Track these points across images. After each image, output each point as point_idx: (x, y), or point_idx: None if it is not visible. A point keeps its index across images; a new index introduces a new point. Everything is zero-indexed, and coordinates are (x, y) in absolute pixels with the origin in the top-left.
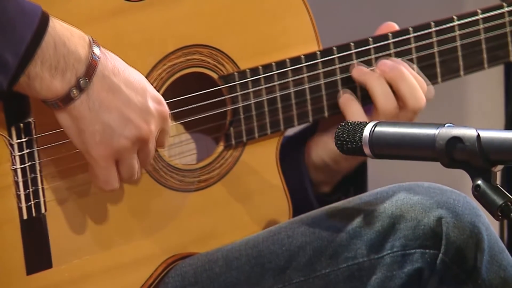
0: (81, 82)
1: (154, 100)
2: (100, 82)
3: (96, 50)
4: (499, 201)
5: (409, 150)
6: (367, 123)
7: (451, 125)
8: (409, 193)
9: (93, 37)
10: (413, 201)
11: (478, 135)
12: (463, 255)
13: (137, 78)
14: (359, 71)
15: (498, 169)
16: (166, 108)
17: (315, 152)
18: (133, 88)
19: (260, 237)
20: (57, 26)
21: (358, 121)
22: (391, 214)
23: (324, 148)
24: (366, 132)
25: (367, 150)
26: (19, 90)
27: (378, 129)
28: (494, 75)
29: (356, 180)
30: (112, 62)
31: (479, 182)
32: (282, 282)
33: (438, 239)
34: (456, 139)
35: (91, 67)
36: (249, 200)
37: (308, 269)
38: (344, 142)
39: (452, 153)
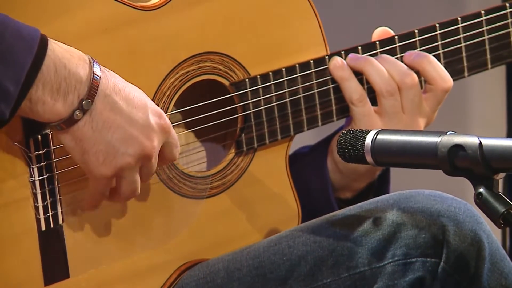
0: (84, 103)
1: (155, 115)
2: (102, 102)
3: (97, 70)
4: (501, 208)
5: (411, 158)
6: (369, 131)
7: (453, 133)
8: (409, 201)
9: (106, 47)
10: (414, 209)
11: (480, 143)
12: (464, 263)
13: (137, 94)
14: (353, 58)
15: (500, 176)
16: (167, 121)
17: (336, 150)
18: (134, 105)
19: (260, 247)
20: (56, 49)
21: (360, 129)
22: (392, 222)
23: None
24: (368, 140)
25: (369, 158)
26: (21, 114)
27: (380, 137)
28: (496, 83)
29: (377, 189)
30: (112, 81)
31: (481, 189)
32: None
33: (440, 247)
34: (458, 147)
35: (93, 88)
36: (260, 205)
37: (309, 279)
38: (346, 150)
39: (454, 161)
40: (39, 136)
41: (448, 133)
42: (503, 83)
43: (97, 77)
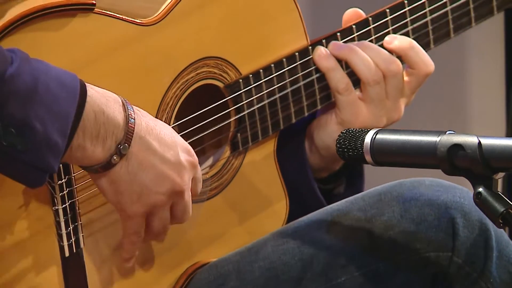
0: (121, 148)
1: (184, 152)
2: (137, 145)
3: (131, 112)
4: (501, 208)
5: (411, 157)
6: (368, 131)
7: (452, 132)
8: (414, 193)
9: (114, 67)
10: (420, 203)
11: (480, 143)
12: (474, 254)
13: (167, 132)
14: (336, 46)
15: (499, 176)
16: (195, 157)
17: (316, 135)
18: (165, 144)
19: (268, 246)
20: (94, 94)
21: (359, 129)
22: (400, 217)
23: (325, 130)
24: (367, 139)
25: (368, 158)
26: (60, 161)
27: (379, 136)
28: (495, 83)
29: (351, 172)
30: (145, 121)
31: (481, 189)
32: None
33: (450, 240)
34: (457, 147)
35: (129, 132)
36: (252, 201)
37: (323, 279)
38: (345, 150)
39: (454, 161)
40: (61, 165)
41: (447, 132)
42: (503, 83)
43: (132, 119)
